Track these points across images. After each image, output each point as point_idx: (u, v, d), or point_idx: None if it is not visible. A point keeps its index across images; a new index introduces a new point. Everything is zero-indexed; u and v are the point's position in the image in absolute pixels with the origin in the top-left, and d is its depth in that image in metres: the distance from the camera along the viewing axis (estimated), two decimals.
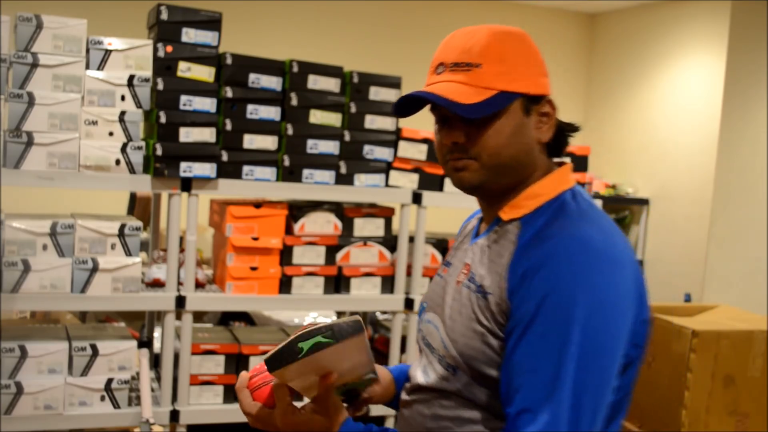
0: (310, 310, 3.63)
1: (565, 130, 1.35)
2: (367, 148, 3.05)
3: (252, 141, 2.89)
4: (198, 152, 2.76)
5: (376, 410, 3.18)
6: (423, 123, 3.71)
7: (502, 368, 1.17)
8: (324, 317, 3.96)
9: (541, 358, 1.11)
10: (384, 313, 3.76)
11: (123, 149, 2.68)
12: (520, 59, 1.23)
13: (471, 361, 1.21)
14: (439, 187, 3.20)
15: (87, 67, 2.67)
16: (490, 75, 1.20)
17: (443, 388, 1.26)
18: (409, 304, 3.16)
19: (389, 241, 3.16)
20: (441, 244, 3.28)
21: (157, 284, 2.85)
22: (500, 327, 1.18)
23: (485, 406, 1.22)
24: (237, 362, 2.90)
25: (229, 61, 2.84)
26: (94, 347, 2.68)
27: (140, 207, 4.55)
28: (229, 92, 2.84)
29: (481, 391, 1.22)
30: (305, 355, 1.17)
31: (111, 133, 2.68)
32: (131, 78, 2.70)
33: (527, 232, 1.21)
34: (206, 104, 2.80)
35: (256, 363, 1.88)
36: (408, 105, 1.27)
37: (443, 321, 1.29)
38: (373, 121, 3.06)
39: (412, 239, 3.16)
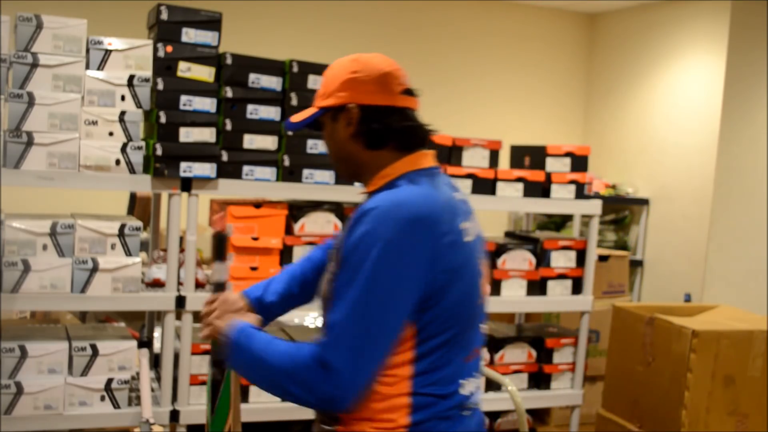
0: (310, 309, 3.62)
1: (416, 129, 1.62)
2: None
3: (252, 141, 2.89)
4: (198, 152, 2.76)
5: None
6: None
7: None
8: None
9: (339, 290, 1.44)
10: None
11: (123, 149, 2.68)
12: (335, 81, 1.61)
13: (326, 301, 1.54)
14: None
15: (87, 67, 2.67)
16: (316, 97, 1.66)
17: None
18: None
19: None
20: None
21: (157, 284, 2.85)
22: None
23: None
24: None
25: (229, 61, 2.84)
26: (94, 347, 2.68)
27: (140, 207, 4.55)
28: (229, 92, 2.84)
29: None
30: None
31: (111, 133, 2.68)
32: (131, 78, 2.70)
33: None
34: (206, 104, 2.80)
35: None
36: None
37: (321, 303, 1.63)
38: None
39: None
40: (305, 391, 1.42)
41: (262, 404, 2.92)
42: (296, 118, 1.65)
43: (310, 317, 3.90)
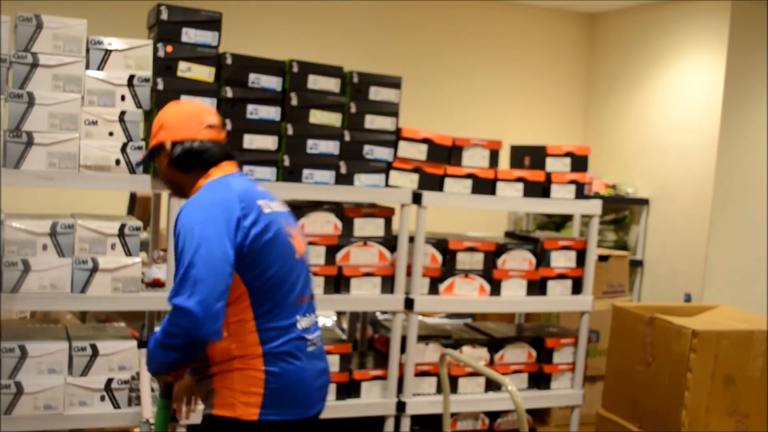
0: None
1: (211, 151, 2.09)
2: (367, 148, 3.05)
3: (252, 141, 2.89)
4: None
5: (376, 410, 3.18)
6: (423, 123, 3.72)
7: None
8: (324, 317, 3.96)
9: (178, 260, 1.92)
10: (384, 313, 3.76)
11: (123, 149, 2.68)
12: (155, 125, 2.10)
13: None
14: (439, 187, 3.20)
15: (87, 67, 2.67)
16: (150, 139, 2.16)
17: None
18: (409, 304, 3.16)
19: (389, 241, 3.16)
20: (441, 244, 3.28)
21: (157, 284, 2.85)
22: None
23: None
24: None
25: (229, 61, 2.84)
26: (94, 347, 2.68)
27: (140, 207, 4.55)
28: (229, 92, 2.84)
29: None
30: None
31: (111, 133, 2.68)
32: (131, 78, 2.70)
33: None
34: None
35: None
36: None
37: None
38: (373, 121, 3.06)
39: (412, 239, 3.16)
40: (182, 337, 1.84)
41: None
42: (141, 157, 2.26)
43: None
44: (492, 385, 3.40)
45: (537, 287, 3.42)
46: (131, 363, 2.73)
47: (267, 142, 2.91)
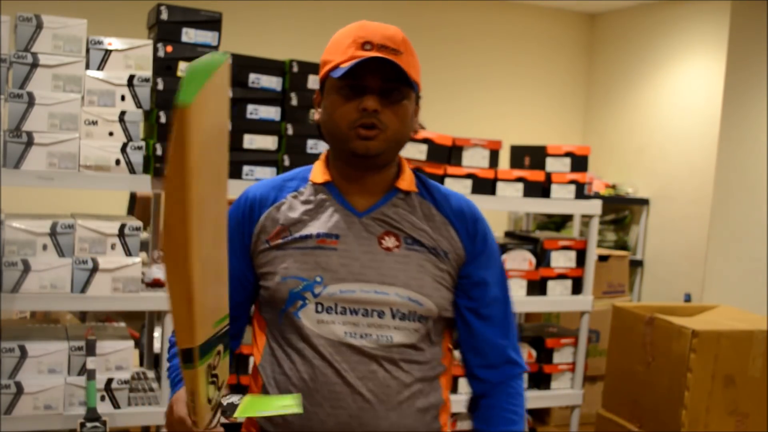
0: None
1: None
2: None
3: (252, 141, 2.89)
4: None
5: None
6: (423, 123, 3.71)
7: (461, 300, 1.54)
8: None
9: (501, 286, 1.57)
10: None
11: (123, 149, 2.68)
12: (417, 59, 1.51)
13: (443, 309, 1.50)
14: None
15: (87, 67, 2.67)
16: (408, 63, 1.44)
17: (415, 341, 1.48)
18: None
19: None
20: None
21: (157, 284, 2.85)
22: (457, 274, 1.52)
23: (439, 348, 1.56)
24: (236, 362, 2.90)
25: (229, 61, 2.83)
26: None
27: (140, 207, 4.55)
28: (229, 92, 2.84)
29: (439, 332, 1.54)
30: None
31: (111, 133, 2.68)
32: (131, 78, 2.70)
33: (432, 200, 1.53)
34: None
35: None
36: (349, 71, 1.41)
37: (396, 284, 1.45)
38: None
39: None
40: None
41: None
42: (405, 65, 1.43)
43: None
44: None
45: (537, 287, 3.42)
46: (128, 363, 2.73)
47: (267, 142, 2.91)
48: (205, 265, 1.14)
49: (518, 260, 3.39)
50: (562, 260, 3.46)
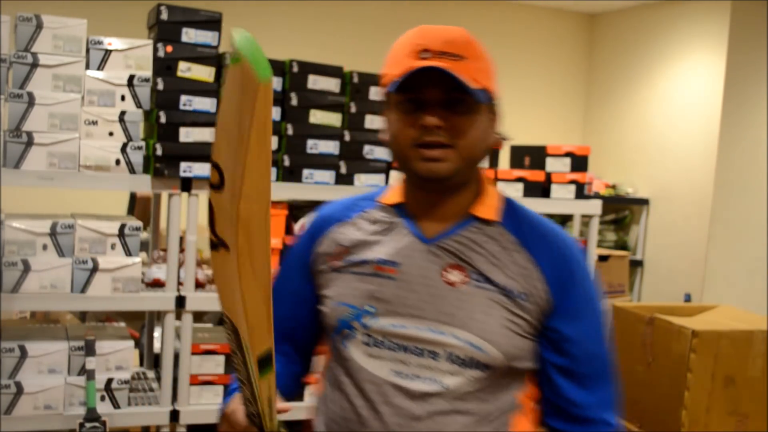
0: None
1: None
2: (367, 148, 3.05)
3: None
4: (198, 152, 2.76)
5: None
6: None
7: (547, 357, 1.32)
8: None
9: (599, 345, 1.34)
10: None
11: (123, 149, 2.68)
12: (489, 61, 1.33)
13: (514, 359, 1.29)
14: None
15: (87, 67, 2.67)
16: (474, 69, 1.27)
17: (473, 390, 1.29)
18: None
19: None
20: None
21: (157, 284, 2.85)
22: (539, 323, 1.30)
23: (509, 398, 1.33)
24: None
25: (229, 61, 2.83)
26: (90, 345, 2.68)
27: (140, 207, 4.55)
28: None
29: (508, 383, 1.32)
30: None
31: (111, 133, 2.68)
32: (131, 78, 2.70)
33: (518, 231, 1.34)
34: (206, 104, 2.79)
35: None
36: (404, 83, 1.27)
37: (454, 324, 1.27)
38: (373, 121, 3.06)
39: None
40: None
41: None
42: (468, 79, 1.24)
43: None
44: None
45: None
46: (128, 363, 2.73)
47: None
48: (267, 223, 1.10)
49: None
50: None
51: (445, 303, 1.28)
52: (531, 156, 3.57)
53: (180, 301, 2.76)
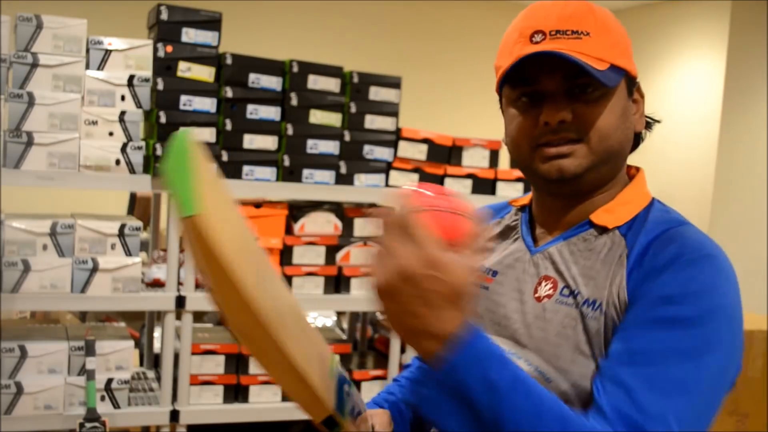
0: (310, 310, 3.62)
1: (647, 125, 1.20)
2: (367, 148, 3.05)
3: (252, 141, 2.89)
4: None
5: None
6: (423, 123, 3.71)
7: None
8: (324, 317, 3.96)
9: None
10: None
11: (123, 149, 2.68)
12: (620, 33, 1.10)
13: (585, 395, 1.00)
14: None
15: (87, 67, 2.67)
16: (601, 45, 1.05)
17: None
18: None
19: None
20: None
21: (157, 284, 2.85)
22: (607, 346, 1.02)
23: None
24: (237, 362, 2.90)
25: (229, 61, 2.84)
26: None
27: (140, 207, 4.55)
28: (229, 92, 2.84)
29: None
30: None
31: (111, 133, 2.68)
32: (131, 78, 2.70)
33: (636, 241, 1.05)
34: (206, 104, 2.80)
35: (256, 365, 1.78)
36: (510, 75, 1.10)
37: (529, 347, 1.07)
38: (373, 121, 3.06)
39: None
40: None
41: (261, 404, 2.92)
42: (592, 60, 1.04)
43: (309, 317, 3.90)
44: None
45: None
46: (128, 363, 2.73)
47: (267, 142, 2.91)
48: (289, 329, 0.94)
49: None
50: None
51: (525, 320, 1.09)
52: None
53: (180, 301, 2.76)
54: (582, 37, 1.05)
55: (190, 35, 2.78)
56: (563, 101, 1.06)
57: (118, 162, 2.68)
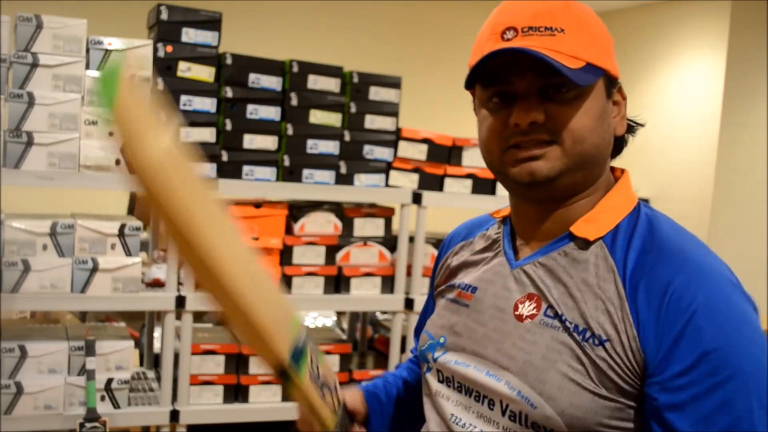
0: (310, 310, 3.63)
1: (630, 128, 1.15)
2: (367, 148, 3.06)
3: (252, 141, 2.89)
4: (198, 152, 2.76)
5: None
6: (423, 123, 3.72)
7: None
8: (324, 317, 3.96)
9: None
10: (384, 313, 3.76)
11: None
12: (599, 30, 1.07)
13: (576, 422, 0.95)
14: (439, 187, 3.20)
15: (87, 67, 2.67)
16: (576, 43, 1.00)
17: None
18: (409, 304, 3.16)
19: (389, 241, 3.16)
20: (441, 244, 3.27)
21: (157, 284, 2.85)
22: (629, 380, 0.95)
23: None
24: (237, 362, 2.90)
25: (229, 61, 2.84)
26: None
27: (140, 207, 4.55)
28: (229, 92, 2.84)
29: None
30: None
31: (111, 133, 2.67)
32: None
33: (623, 254, 1.01)
34: (206, 104, 2.80)
35: (256, 364, 1.82)
36: (477, 74, 1.04)
37: (510, 369, 1.02)
38: (373, 121, 3.06)
39: (412, 239, 3.16)
40: None
41: (261, 404, 2.92)
42: (565, 57, 0.99)
43: (310, 317, 3.90)
44: None
45: None
46: (128, 363, 2.73)
47: (267, 142, 2.91)
48: (240, 265, 0.99)
49: None
50: None
51: (507, 341, 1.04)
52: None
53: (180, 301, 2.76)
54: (556, 33, 1.00)
55: (190, 35, 2.78)
56: (535, 101, 1.00)
57: (118, 162, 2.67)
